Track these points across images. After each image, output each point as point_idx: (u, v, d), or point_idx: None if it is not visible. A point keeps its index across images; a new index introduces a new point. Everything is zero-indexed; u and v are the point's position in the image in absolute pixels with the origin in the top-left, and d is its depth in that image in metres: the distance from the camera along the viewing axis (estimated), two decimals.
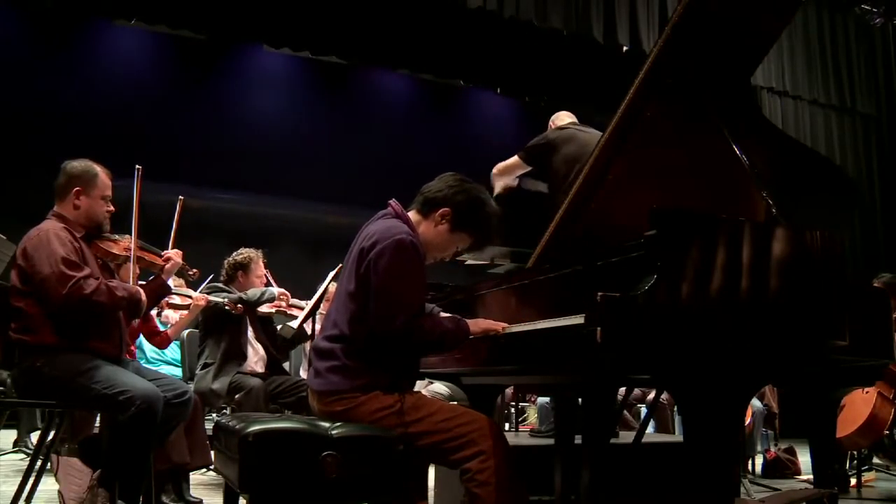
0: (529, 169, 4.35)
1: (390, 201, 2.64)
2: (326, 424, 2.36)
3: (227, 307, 4.57)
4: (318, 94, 10.25)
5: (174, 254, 3.60)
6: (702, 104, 2.76)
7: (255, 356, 4.79)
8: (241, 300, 4.63)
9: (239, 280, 4.87)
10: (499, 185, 4.41)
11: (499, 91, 10.19)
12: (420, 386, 5.56)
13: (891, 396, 4.99)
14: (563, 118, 4.60)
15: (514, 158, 4.39)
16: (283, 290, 4.78)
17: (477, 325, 2.54)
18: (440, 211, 2.58)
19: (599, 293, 1.97)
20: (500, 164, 4.43)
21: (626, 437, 3.66)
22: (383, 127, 9.86)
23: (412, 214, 2.62)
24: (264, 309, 4.79)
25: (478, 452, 2.35)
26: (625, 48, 8.76)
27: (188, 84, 9.56)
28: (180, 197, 3.79)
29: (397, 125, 9.90)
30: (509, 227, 4.13)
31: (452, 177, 2.64)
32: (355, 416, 2.41)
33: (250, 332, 4.80)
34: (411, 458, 2.42)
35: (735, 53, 2.85)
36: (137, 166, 3.50)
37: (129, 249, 3.42)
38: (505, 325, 2.53)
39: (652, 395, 5.04)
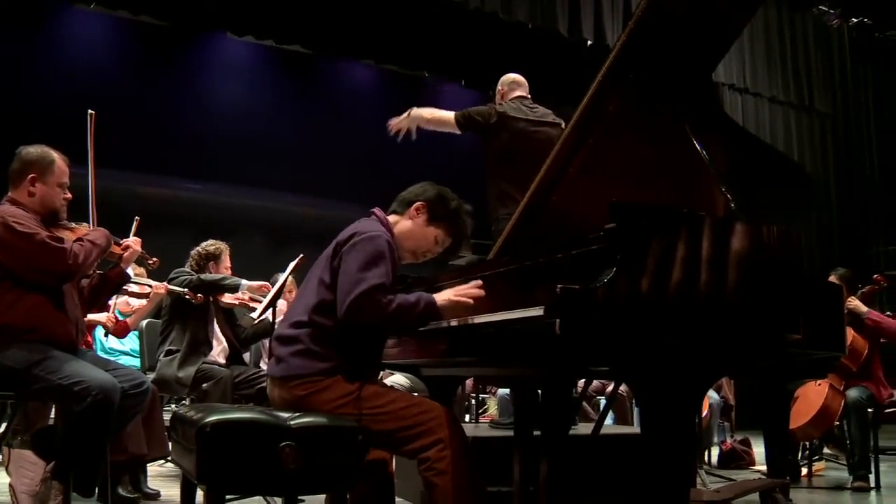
0: (458, 132, 4.20)
1: (373, 210, 2.74)
2: (285, 415, 2.35)
3: (187, 296, 4.53)
4: (282, 83, 10.14)
5: (133, 242, 3.57)
6: (664, 99, 2.78)
7: (218, 347, 4.77)
8: (199, 279, 4.58)
9: (210, 270, 4.83)
10: (412, 120, 4.28)
11: (463, 83, 10.19)
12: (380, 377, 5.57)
13: (841, 388, 5.10)
14: (515, 88, 4.39)
15: (449, 115, 4.22)
16: (264, 282, 4.72)
17: (445, 295, 2.53)
18: (415, 205, 2.70)
19: (559, 285, 1.98)
20: (433, 109, 4.29)
21: (586, 428, 3.69)
22: (348, 117, 9.77)
23: (390, 217, 2.73)
24: (227, 300, 4.75)
25: (435, 441, 2.36)
26: (589, 42, 8.80)
27: (150, 71, 9.39)
28: (136, 218, 3.77)
29: (362, 116, 9.80)
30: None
31: (426, 182, 2.80)
32: (316, 401, 2.41)
33: (215, 323, 4.77)
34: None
35: (697, 49, 2.87)
36: (90, 111, 3.44)
37: None
38: (479, 291, 2.53)
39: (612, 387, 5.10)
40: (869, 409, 4.98)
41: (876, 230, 11.16)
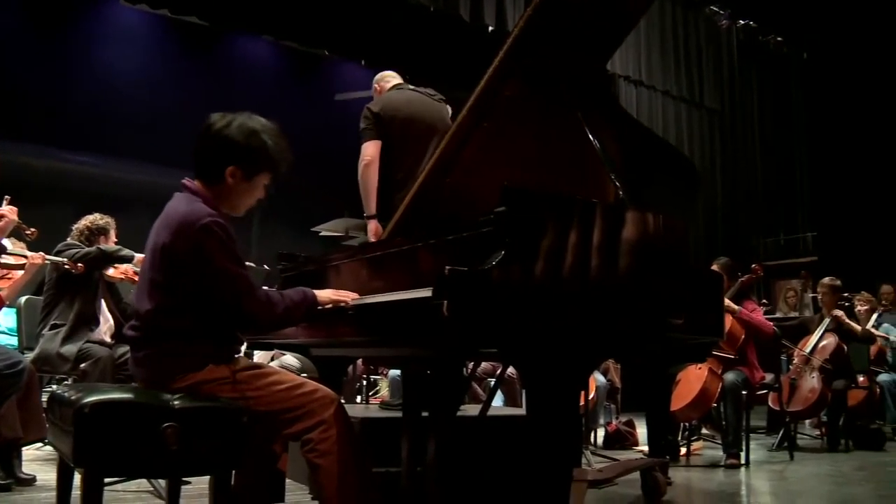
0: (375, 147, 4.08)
1: (184, 181, 2.51)
2: (168, 396, 2.29)
3: (66, 266, 4.37)
4: (177, 55, 9.82)
5: (7, 210, 3.41)
6: (559, 87, 2.81)
7: (105, 324, 4.63)
8: (99, 250, 4.45)
9: (98, 244, 4.66)
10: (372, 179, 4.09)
11: (363, 63, 10.10)
12: (269, 357, 5.49)
13: (720, 372, 5.33)
14: (389, 80, 4.42)
15: (371, 146, 4.06)
16: None
17: (325, 295, 2.51)
18: (227, 172, 2.46)
19: (447, 267, 1.99)
20: (368, 160, 4.06)
21: (475, 410, 3.73)
22: (245, 94, 9.53)
23: (203, 187, 2.48)
24: (112, 273, 4.61)
25: (318, 423, 2.34)
26: (490, 28, 8.86)
27: (35, 38, 8.94)
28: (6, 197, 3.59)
29: (259, 92, 9.61)
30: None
31: (211, 133, 2.49)
32: (195, 390, 2.35)
33: (102, 299, 4.63)
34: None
35: (594, 38, 2.92)
36: None
37: None
38: (354, 295, 2.52)
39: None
40: (743, 392, 5.23)
41: (757, 222, 11.66)
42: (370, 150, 4.06)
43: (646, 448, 4.57)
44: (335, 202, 5.60)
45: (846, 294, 7.03)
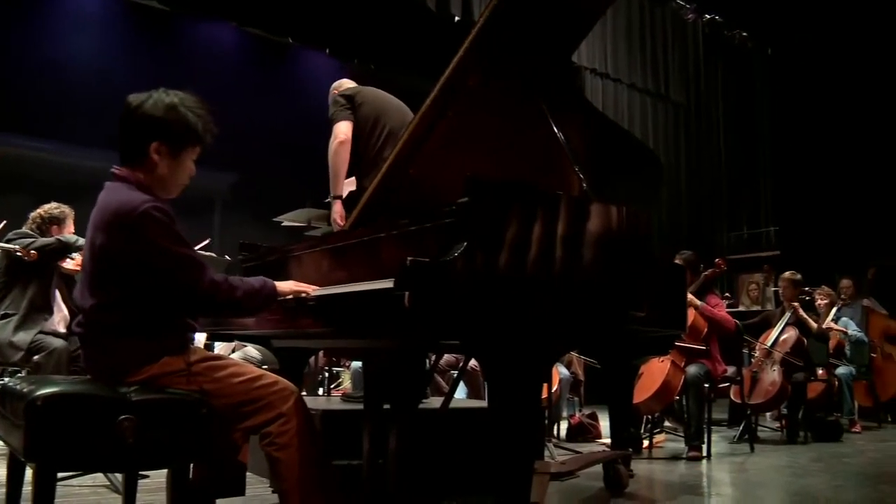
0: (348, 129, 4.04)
1: (113, 169, 2.41)
2: (124, 388, 2.23)
3: (18, 253, 4.28)
4: (137, 40, 9.61)
5: None
6: (524, 78, 2.80)
7: (59, 314, 4.55)
8: (57, 241, 4.35)
9: (51, 234, 4.58)
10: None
11: (328, 52, 10.00)
12: (231, 349, 5.43)
13: (682, 365, 5.36)
14: (343, 83, 4.43)
15: (345, 126, 4.03)
16: None
17: (285, 286, 2.47)
18: (151, 149, 2.34)
19: (409, 258, 1.96)
20: (342, 139, 4.00)
21: (438, 402, 3.71)
22: (207, 80, 9.33)
23: (132, 172, 2.37)
24: (68, 265, 4.53)
25: (277, 416, 2.30)
26: (457, 18, 8.82)
27: None
28: None
29: (222, 80, 9.44)
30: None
31: (130, 113, 2.37)
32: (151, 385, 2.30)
33: (56, 289, 4.55)
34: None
35: (559, 29, 2.91)
36: None
37: None
38: (315, 287, 2.49)
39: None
40: (705, 385, 5.27)
41: (720, 217, 11.77)
42: (343, 129, 4.02)
43: (608, 441, 4.58)
44: (298, 192, 5.54)
45: (806, 288, 7.12)
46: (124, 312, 2.27)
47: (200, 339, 4.95)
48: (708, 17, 11.65)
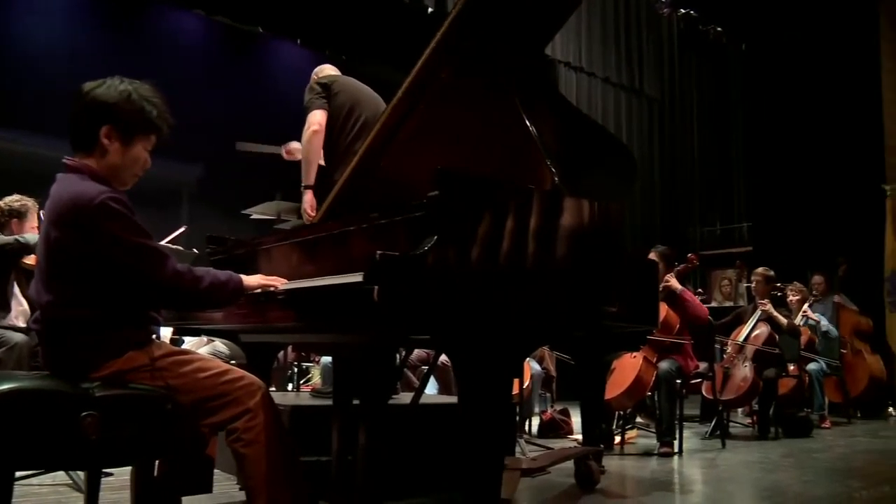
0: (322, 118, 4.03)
1: (65, 160, 2.33)
2: (87, 384, 2.18)
3: None
4: (103, 28, 9.40)
5: None
6: (497, 71, 2.77)
7: (18, 308, 4.45)
8: (16, 241, 4.27)
9: (12, 228, 4.48)
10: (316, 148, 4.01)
11: (299, 42, 9.88)
12: (200, 344, 5.37)
13: (654, 361, 5.37)
14: (325, 69, 4.43)
15: (320, 115, 4.01)
16: None
17: (253, 280, 2.42)
18: (102, 133, 2.27)
19: (378, 251, 1.93)
20: (316, 128, 3.98)
21: (409, 398, 3.69)
22: (175, 70, 9.14)
23: (85, 162, 2.30)
24: (29, 261, 4.44)
25: (244, 411, 2.25)
26: (430, 10, 8.78)
27: None
28: None
29: (190, 69, 9.26)
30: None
31: (82, 99, 2.31)
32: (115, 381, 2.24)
33: (14, 284, 4.45)
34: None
35: (533, 21, 2.88)
36: None
37: None
38: (283, 280, 2.44)
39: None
40: (677, 381, 5.27)
41: (694, 212, 11.82)
42: (318, 118, 3.99)
43: (580, 437, 4.58)
44: (267, 184, 5.47)
45: (779, 284, 7.17)
46: (84, 308, 2.20)
47: (167, 333, 4.88)
48: (683, 11, 11.66)
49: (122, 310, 2.25)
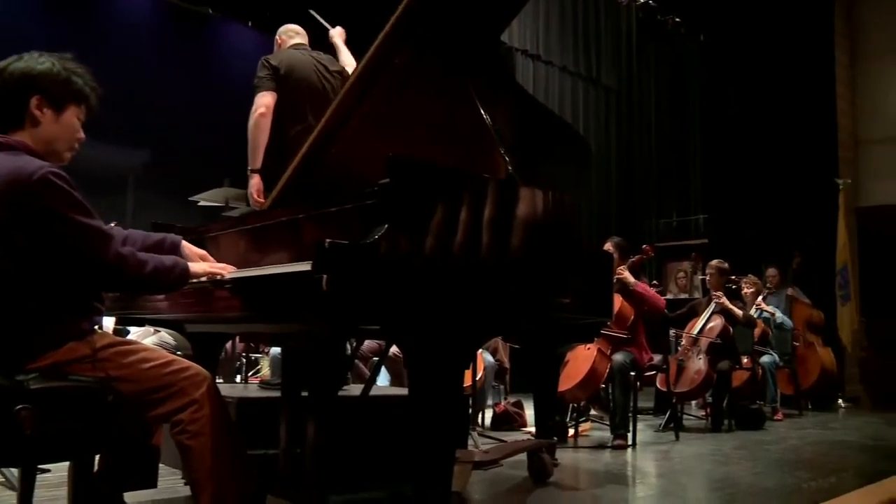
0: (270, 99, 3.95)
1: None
2: (22, 376, 2.08)
3: None
4: (46, 7, 9.11)
5: None
6: (451, 58, 2.73)
7: None
8: None
9: None
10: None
11: (250, 24, 9.67)
12: (146, 334, 5.25)
13: (608, 353, 5.37)
14: (293, 37, 4.33)
15: (268, 97, 3.92)
16: None
17: (199, 267, 2.35)
18: (31, 105, 2.18)
19: (327, 240, 1.87)
20: (263, 111, 3.91)
21: (360, 389, 3.63)
22: (121, 51, 8.84)
23: (17, 137, 2.19)
24: None
25: (189, 403, 2.18)
26: None
27: None
28: None
29: (136, 51, 8.96)
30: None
31: (3, 74, 2.20)
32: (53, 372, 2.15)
33: None
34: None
35: (487, 9, 2.84)
36: None
37: None
38: (231, 268, 2.38)
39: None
40: (631, 373, 5.28)
41: (650, 204, 11.88)
42: (265, 101, 3.91)
43: (533, 429, 4.56)
44: (215, 170, 5.36)
45: (733, 276, 7.23)
46: (21, 294, 2.10)
47: (110, 324, 4.76)
48: (641, 1, 11.66)
49: (62, 297, 2.16)
